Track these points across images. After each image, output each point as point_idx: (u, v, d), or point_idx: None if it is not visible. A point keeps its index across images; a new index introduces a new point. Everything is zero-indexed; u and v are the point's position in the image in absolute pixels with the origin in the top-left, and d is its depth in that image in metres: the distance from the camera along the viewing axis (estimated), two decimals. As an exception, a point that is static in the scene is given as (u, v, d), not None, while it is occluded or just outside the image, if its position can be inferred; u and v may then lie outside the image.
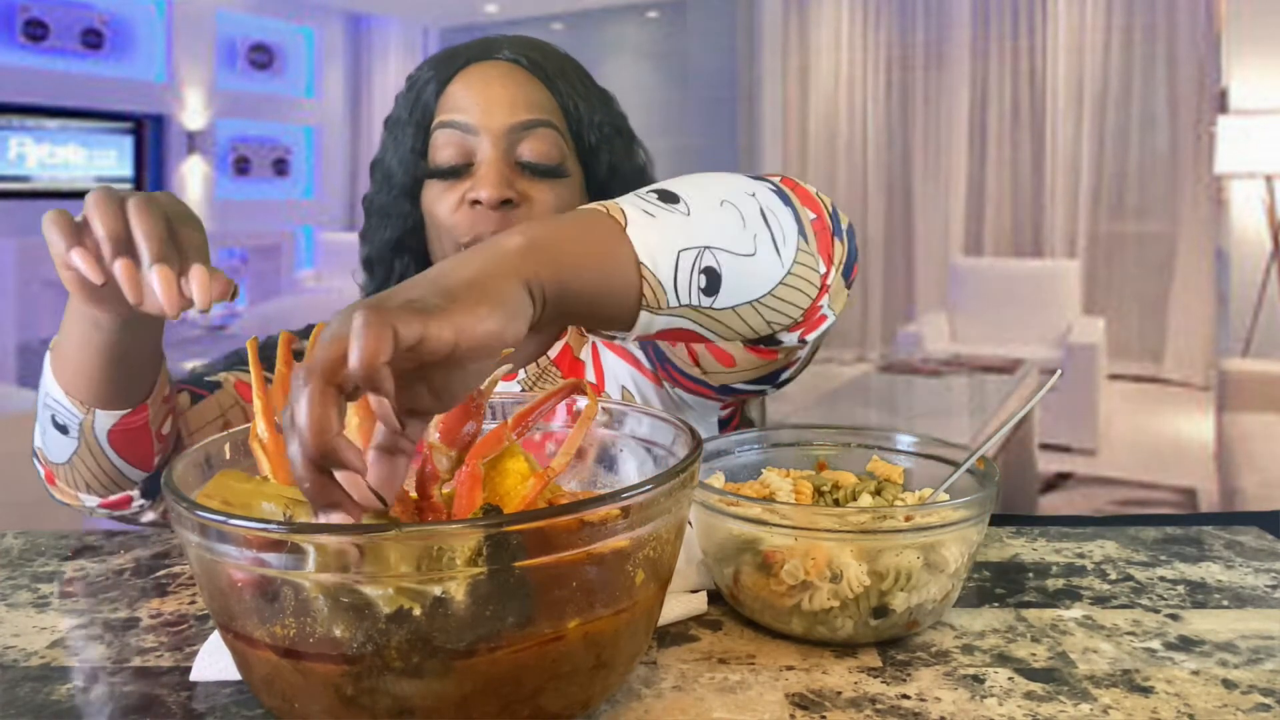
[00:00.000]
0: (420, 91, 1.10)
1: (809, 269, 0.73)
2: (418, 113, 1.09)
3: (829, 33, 3.32)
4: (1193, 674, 0.68)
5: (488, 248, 0.59)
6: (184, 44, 3.48)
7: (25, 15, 3.14)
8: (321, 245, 3.79)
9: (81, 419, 0.90)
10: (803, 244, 0.73)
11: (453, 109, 1.07)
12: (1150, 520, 1.09)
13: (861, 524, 0.70)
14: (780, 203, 0.73)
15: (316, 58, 3.78)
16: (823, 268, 0.74)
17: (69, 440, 0.92)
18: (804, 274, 0.72)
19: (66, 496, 0.98)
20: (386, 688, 0.52)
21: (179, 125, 3.47)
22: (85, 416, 0.90)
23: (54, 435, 0.93)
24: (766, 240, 0.70)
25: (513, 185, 1.04)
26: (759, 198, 0.72)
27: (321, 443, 0.48)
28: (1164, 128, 3.04)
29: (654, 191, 0.69)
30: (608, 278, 0.62)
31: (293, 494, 0.59)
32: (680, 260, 0.65)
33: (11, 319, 3.09)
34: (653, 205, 0.67)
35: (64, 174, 3.26)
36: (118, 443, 0.93)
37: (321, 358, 0.49)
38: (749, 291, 0.69)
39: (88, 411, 0.90)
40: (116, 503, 0.98)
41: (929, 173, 3.27)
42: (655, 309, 0.65)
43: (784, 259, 0.71)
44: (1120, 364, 3.12)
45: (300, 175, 3.79)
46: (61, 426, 0.92)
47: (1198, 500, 2.93)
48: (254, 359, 0.68)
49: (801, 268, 0.72)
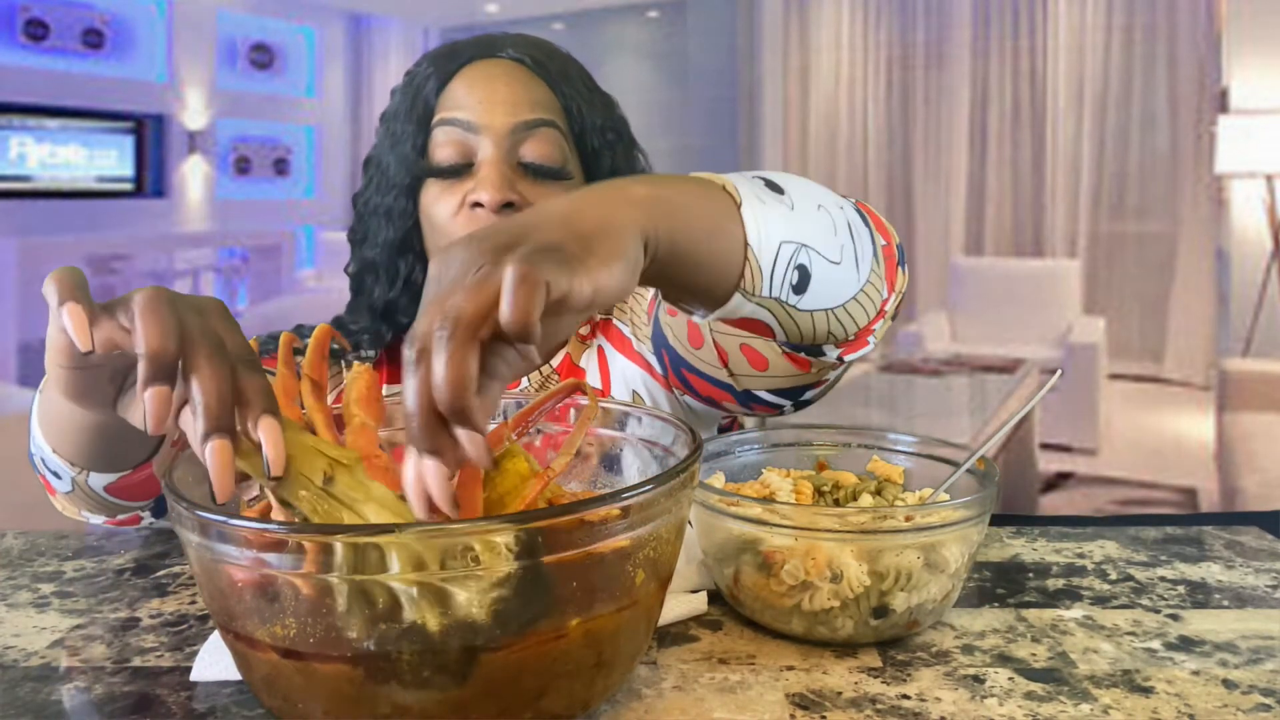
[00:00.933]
0: (420, 87, 1.07)
1: (875, 290, 0.74)
2: (418, 109, 1.06)
3: (829, 32, 3.32)
4: (1193, 674, 0.68)
5: (612, 190, 0.58)
6: (185, 44, 3.47)
7: (26, 15, 3.14)
8: (322, 245, 3.78)
9: (74, 476, 0.83)
10: (875, 265, 0.74)
11: (454, 106, 1.04)
12: (1150, 520, 1.09)
13: (862, 524, 0.70)
14: (861, 222, 0.74)
15: (317, 57, 3.78)
16: (886, 293, 0.76)
17: (62, 483, 0.85)
18: (871, 294, 0.74)
19: (68, 512, 0.93)
20: (387, 688, 0.52)
21: (180, 125, 3.47)
22: (78, 475, 0.83)
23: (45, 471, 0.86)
24: (850, 253, 0.71)
25: (514, 187, 1.01)
26: (845, 212, 0.73)
27: (458, 399, 0.47)
28: (1164, 127, 3.04)
29: (759, 178, 0.68)
30: (716, 250, 0.62)
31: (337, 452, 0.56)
32: (781, 251, 0.65)
33: (12, 319, 3.09)
34: (763, 191, 0.67)
35: (65, 174, 3.26)
36: (119, 493, 0.87)
37: (469, 310, 0.48)
38: (829, 299, 0.70)
39: (80, 471, 0.82)
40: (124, 522, 0.95)
41: (929, 172, 3.27)
42: (749, 294, 0.65)
43: (860, 275, 0.72)
44: (1121, 364, 3.12)
45: (301, 175, 3.78)
46: (54, 472, 0.84)
47: (1198, 500, 2.93)
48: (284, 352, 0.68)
49: (870, 287, 0.74)
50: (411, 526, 0.51)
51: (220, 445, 0.52)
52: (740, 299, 0.65)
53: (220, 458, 0.52)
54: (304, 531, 0.52)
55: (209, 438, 0.52)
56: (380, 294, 1.11)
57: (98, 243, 3.32)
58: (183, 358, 0.54)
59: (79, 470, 0.82)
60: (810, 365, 0.85)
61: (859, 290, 0.72)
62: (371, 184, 1.11)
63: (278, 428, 0.53)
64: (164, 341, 0.54)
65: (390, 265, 1.10)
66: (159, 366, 0.54)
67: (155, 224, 3.43)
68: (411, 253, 1.09)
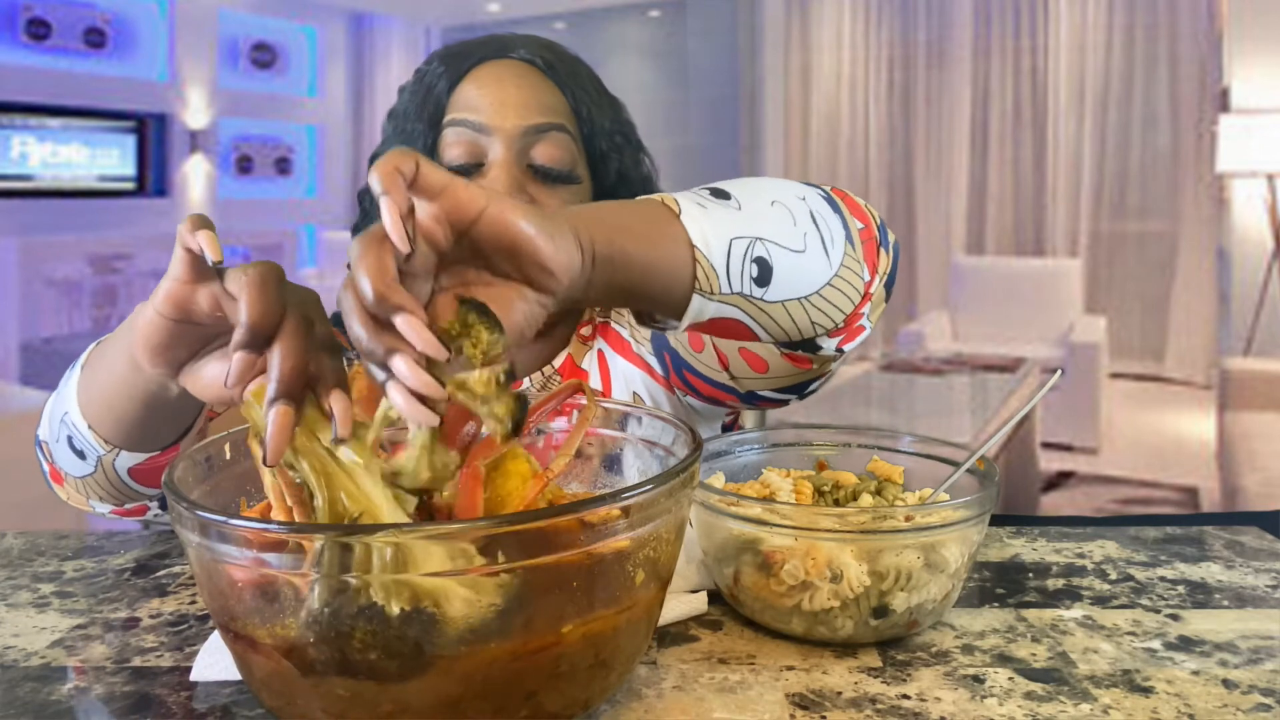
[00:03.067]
0: (431, 86, 1.06)
1: (854, 274, 0.74)
2: (429, 108, 1.05)
3: (831, 31, 3.32)
4: (1193, 674, 0.68)
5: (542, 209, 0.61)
6: (186, 43, 3.47)
7: (28, 14, 3.14)
8: (324, 244, 3.78)
9: (102, 454, 0.82)
10: (849, 249, 0.74)
11: (464, 107, 1.04)
12: (1150, 520, 1.09)
13: (862, 524, 0.70)
14: (829, 208, 0.74)
15: (319, 57, 3.78)
16: (867, 275, 0.76)
17: (85, 464, 0.84)
18: (849, 278, 0.74)
19: (74, 501, 0.92)
20: (387, 687, 0.52)
21: (181, 124, 3.47)
22: (107, 453, 0.82)
23: (67, 453, 0.85)
24: (816, 240, 0.71)
25: (524, 189, 1.01)
26: (808, 202, 0.73)
27: (379, 287, 0.50)
28: (1166, 127, 3.04)
29: (704, 189, 0.70)
30: (661, 255, 0.63)
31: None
32: (733, 247, 0.66)
33: (14, 318, 3.09)
34: (704, 199, 0.68)
35: (67, 173, 3.26)
36: (140, 477, 0.86)
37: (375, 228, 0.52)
38: (798, 288, 0.71)
39: (110, 450, 0.82)
40: (131, 511, 0.93)
41: (931, 172, 3.26)
42: (708, 293, 0.66)
43: (832, 261, 0.72)
44: (1122, 363, 3.11)
45: (303, 174, 3.78)
46: (79, 452, 0.84)
47: (1199, 499, 2.93)
48: None
49: (847, 271, 0.74)
50: (409, 527, 0.51)
51: (284, 410, 0.56)
52: (701, 300, 0.66)
53: (282, 420, 0.56)
54: (304, 531, 0.52)
55: (276, 402, 0.56)
56: None
57: (99, 242, 3.32)
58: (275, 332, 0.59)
59: (110, 449, 0.82)
60: (811, 362, 0.85)
61: (834, 275, 0.72)
62: None
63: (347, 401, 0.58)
64: (266, 316, 0.58)
65: None
66: (255, 335, 0.58)
67: (157, 223, 3.42)
68: None
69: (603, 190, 1.10)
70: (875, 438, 0.88)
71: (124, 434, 0.80)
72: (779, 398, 0.96)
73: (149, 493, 0.91)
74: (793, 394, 0.94)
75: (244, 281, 0.59)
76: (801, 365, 0.87)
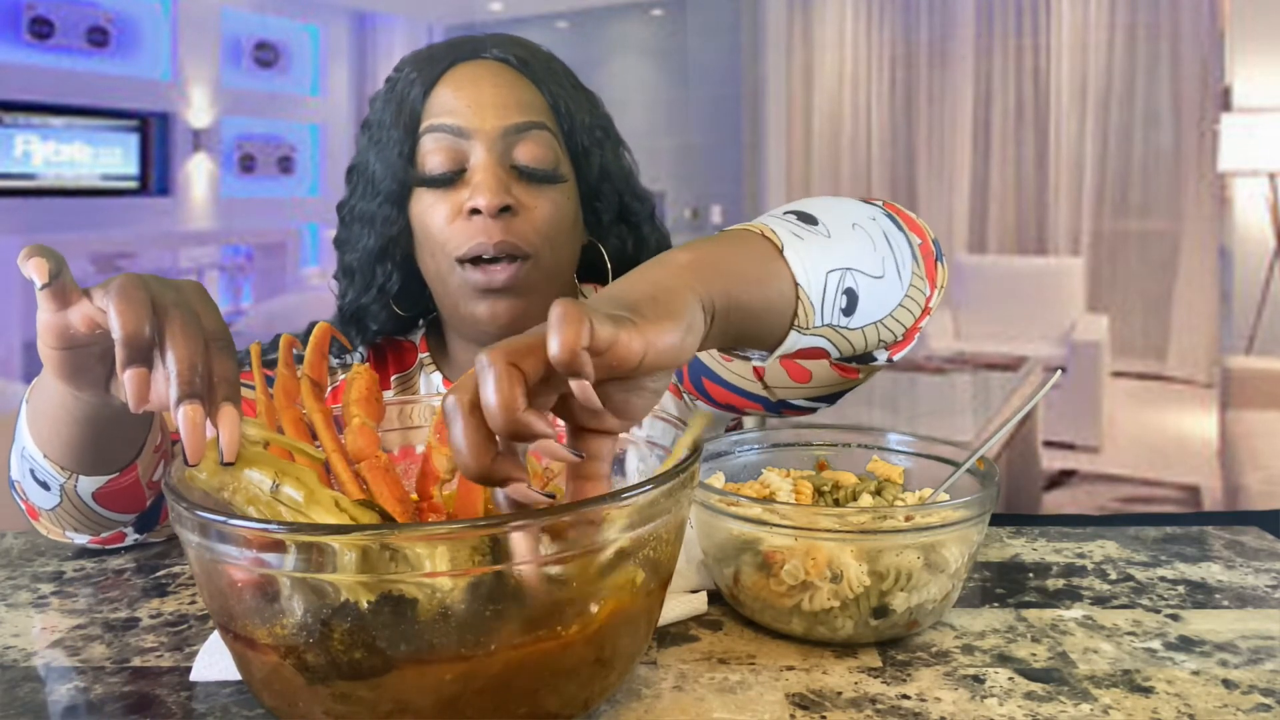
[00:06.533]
0: (405, 93, 1.04)
1: (919, 291, 0.76)
2: (404, 115, 1.03)
3: (833, 30, 3.32)
4: (1193, 674, 0.68)
5: (658, 264, 0.60)
6: (189, 42, 3.47)
7: (31, 13, 3.14)
8: (326, 243, 3.77)
9: (63, 482, 0.85)
10: (915, 267, 0.75)
11: (441, 111, 1.01)
12: (1150, 520, 1.09)
13: (861, 524, 0.70)
14: (894, 227, 0.75)
15: (321, 56, 3.78)
16: (928, 290, 0.77)
17: (50, 495, 0.87)
18: (915, 295, 0.75)
19: (53, 534, 0.93)
20: (387, 687, 0.53)
21: (184, 123, 3.47)
22: (66, 480, 0.84)
23: (34, 486, 0.87)
24: (891, 264, 0.72)
25: (509, 191, 0.99)
26: (879, 222, 0.74)
27: (510, 418, 0.48)
28: (1168, 125, 3.03)
29: (790, 213, 0.70)
30: (769, 296, 0.64)
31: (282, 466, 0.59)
32: (829, 281, 0.67)
33: (17, 316, 3.09)
34: (798, 227, 0.68)
35: (69, 172, 3.26)
36: (106, 501, 0.88)
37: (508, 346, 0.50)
38: (875, 313, 0.72)
39: (69, 476, 0.84)
40: (108, 540, 0.94)
41: (933, 170, 3.26)
42: (804, 328, 0.66)
43: (903, 281, 0.74)
44: (1124, 361, 3.11)
45: (305, 173, 3.78)
46: (42, 483, 0.86)
47: (1201, 498, 2.93)
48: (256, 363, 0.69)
49: (914, 289, 0.75)
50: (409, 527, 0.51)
51: (192, 410, 0.56)
52: (796, 335, 0.66)
53: (191, 420, 0.56)
54: (304, 531, 0.52)
55: (181, 403, 0.56)
56: (352, 298, 1.09)
57: (102, 241, 3.32)
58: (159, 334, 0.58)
59: (68, 475, 0.83)
60: (859, 372, 0.86)
61: (904, 295, 0.74)
62: (357, 192, 1.08)
63: (235, 416, 0.57)
64: (138, 324, 0.57)
65: (366, 270, 1.08)
66: (135, 348, 0.57)
67: (160, 222, 3.43)
68: (390, 260, 1.07)
69: (586, 187, 1.08)
70: (875, 438, 0.88)
71: (77, 458, 0.82)
72: (810, 406, 0.94)
73: (120, 518, 0.92)
74: (825, 402, 0.94)
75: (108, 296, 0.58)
76: (850, 375, 0.87)
